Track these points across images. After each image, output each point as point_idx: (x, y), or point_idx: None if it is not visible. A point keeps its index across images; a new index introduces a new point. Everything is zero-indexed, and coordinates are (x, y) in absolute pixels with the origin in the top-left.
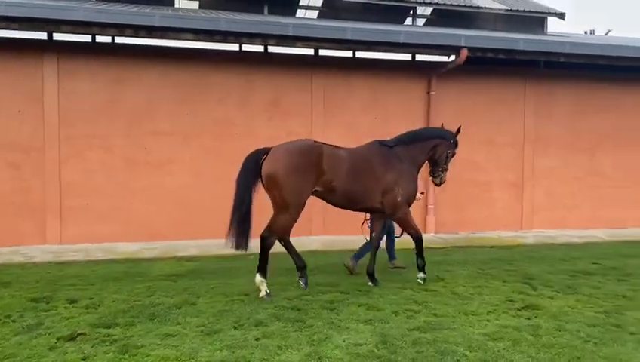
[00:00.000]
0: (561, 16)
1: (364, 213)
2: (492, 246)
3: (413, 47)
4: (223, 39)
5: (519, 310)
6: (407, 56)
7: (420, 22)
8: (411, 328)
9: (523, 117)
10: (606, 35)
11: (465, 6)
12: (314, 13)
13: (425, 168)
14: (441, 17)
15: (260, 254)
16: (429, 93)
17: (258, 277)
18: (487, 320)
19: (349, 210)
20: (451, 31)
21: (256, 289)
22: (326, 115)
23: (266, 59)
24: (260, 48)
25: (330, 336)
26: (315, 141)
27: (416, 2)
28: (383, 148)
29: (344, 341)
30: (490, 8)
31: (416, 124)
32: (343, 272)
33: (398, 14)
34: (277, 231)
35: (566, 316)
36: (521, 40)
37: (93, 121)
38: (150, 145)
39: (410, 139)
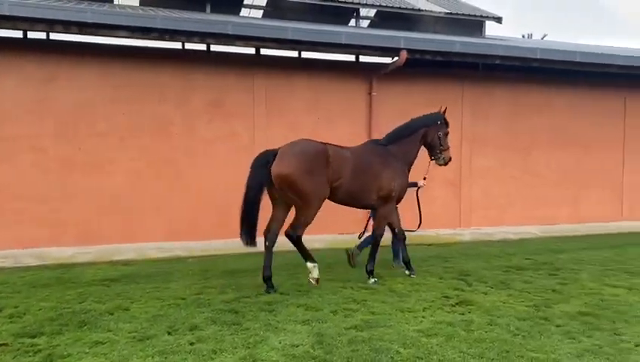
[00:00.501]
0: (499, 20)
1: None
2: (430, 244)
3: (355, 48)
4: (160, 37)
5: (454, 306)
6: (350, 57)
7: (365, 23)
8: (348, 327)
9: (461, 117)
10: (542, 38)
11: (406, 9)
12: (259, 13)
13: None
14: (385, 20)
15: (298, 249)
16: (370, 94)
17: (309, 264)
18: (423, 317)
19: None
20: (391, 33)
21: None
22: (268, 115)
23: (207, 58)
24: (202, 47)
25: (266, 338)
26: (319, 141)
27: (360, 4)
28: (378, 147)
29: (280, 342)
30: (431, 11)
31: (358, 124)
32: (283, 274)
33: (341, 15)
34: (300, 228)
35: (498, 311)
36: (457, 42)
37: (24, 120)
38: (86, 146)
39: (399, 136)
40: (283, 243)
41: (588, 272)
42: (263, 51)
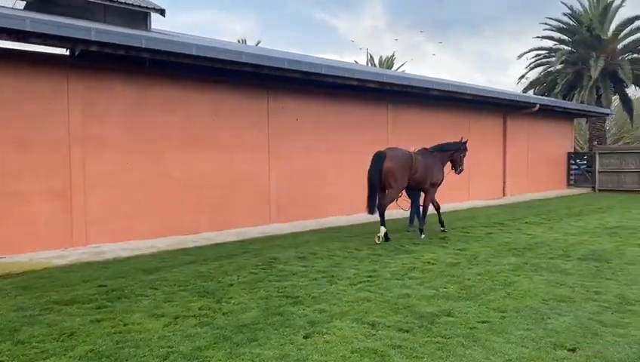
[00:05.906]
0: (162, 12)
1: None
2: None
3: None
4: None
5: None
6: None
7: (19, 5)
8: None
9: (67, 115)
10: (257, 45)
11: None
12: None
13: None
14: (45, 3)
15: (381, 217)
16: None
17: (383, 229)
18: None
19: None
20: None
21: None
22: None
23: None
24: None
25: None
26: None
27: None
28: (429, 152)
29: None
30: None
31: None
32: None
33: None
34: (387, 203)
35: None
36: (27, 19)
37: None
38: None
39: (441, 149)
40: None
41: (154, 298)
42: None
